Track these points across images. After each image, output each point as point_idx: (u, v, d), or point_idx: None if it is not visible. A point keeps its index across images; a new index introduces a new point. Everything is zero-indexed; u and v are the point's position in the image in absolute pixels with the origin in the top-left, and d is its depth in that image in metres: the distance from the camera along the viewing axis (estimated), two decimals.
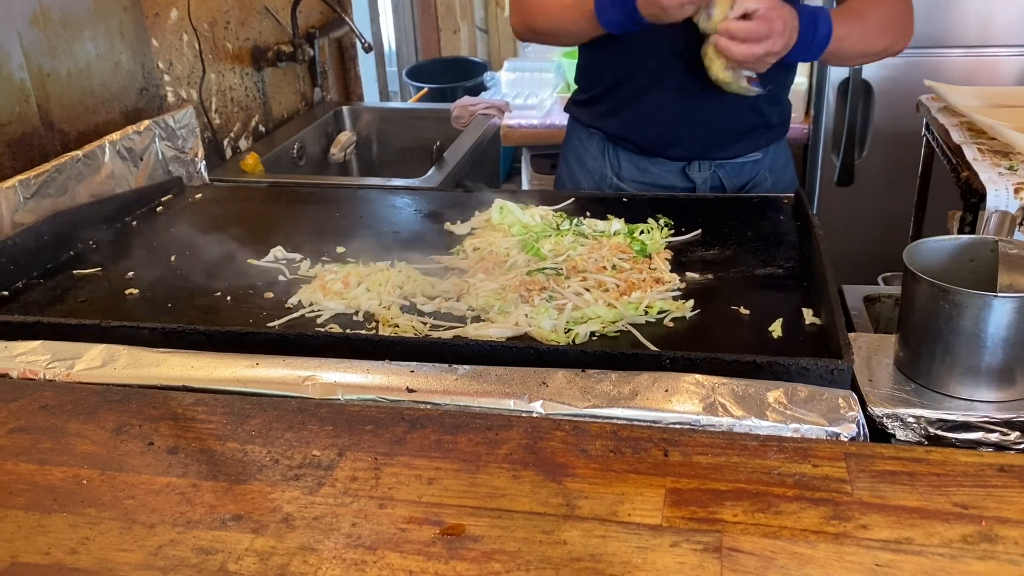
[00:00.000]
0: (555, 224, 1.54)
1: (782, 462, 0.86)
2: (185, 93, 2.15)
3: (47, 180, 1.61)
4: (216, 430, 0.95)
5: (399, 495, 0.84)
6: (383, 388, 1.02)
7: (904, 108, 2.61)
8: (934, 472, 0.84)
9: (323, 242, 1.55)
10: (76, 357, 1.11)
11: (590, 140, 1.85)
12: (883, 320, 1.47)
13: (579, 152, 1.88)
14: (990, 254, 1.10)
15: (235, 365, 1.07)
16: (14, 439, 0.95)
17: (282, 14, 2.58)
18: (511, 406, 0.98)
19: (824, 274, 1.22)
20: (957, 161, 1.85)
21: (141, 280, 1.46)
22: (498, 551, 0.76)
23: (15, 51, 1.60)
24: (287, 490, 0.85)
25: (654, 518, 0.79)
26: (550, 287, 1.29)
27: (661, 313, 1.25)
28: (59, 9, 1.70)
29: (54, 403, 1.01)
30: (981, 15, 2.72)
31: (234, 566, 0.76)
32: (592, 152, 1.85)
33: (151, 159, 1.89)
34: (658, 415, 0.95)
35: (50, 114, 1.70)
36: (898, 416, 0.99)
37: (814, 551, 0.75)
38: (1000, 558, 0.73)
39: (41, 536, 0.80)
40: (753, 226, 1.55)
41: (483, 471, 0.87)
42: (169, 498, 0.85)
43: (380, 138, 2.90)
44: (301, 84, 2.76)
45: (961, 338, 0.99)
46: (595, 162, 1.85)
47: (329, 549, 0.77)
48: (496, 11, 5.00)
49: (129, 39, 1.90)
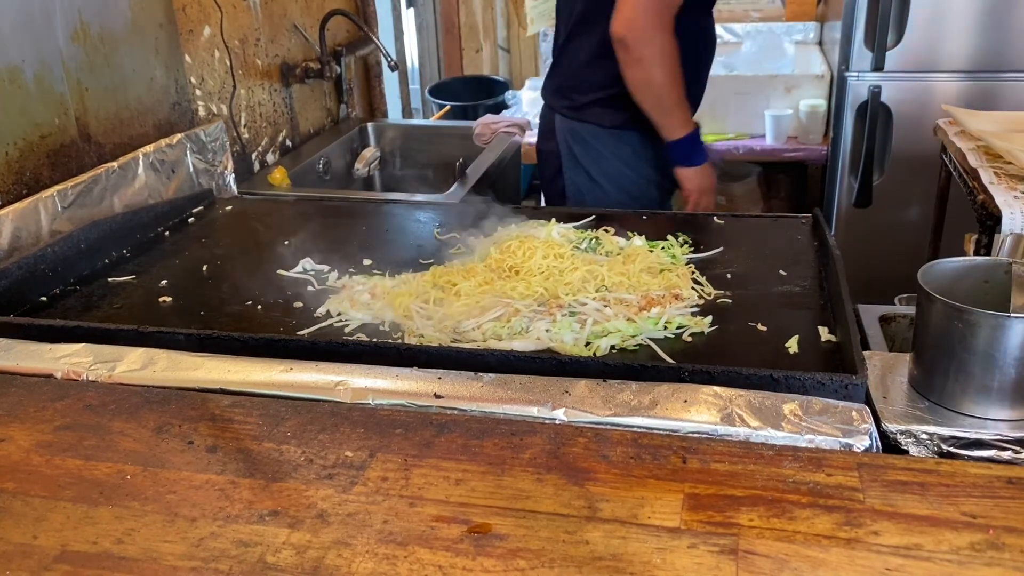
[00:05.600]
0: (577, 242, 1.58)
1: (797, 471, 0.89)
2: (216, 108, 2.21)
3: (84, 190, 1.66)
4: (253, 431, 0.99)
5: (428, 495, 0.87)
6: (412, 394, 1.06)
7: (922, 131, 2.64)
8: (944, 483, 0.87)
9: (350, 254, 1.60)
10: (117, 360, 1.15)
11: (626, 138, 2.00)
12: (898, 339, 1.50)
13: (616, 153, 2.00)
14: (1004, 275, 1.12)
15: (270, 370, 1.11)
16: (61, 436, 1.00)
17: (310, 32, 2.64)
18: (535, 413, 1.02)
19: (840, 293, 1.25)
20: (973, 184, 1.87)
21: (174, 288, 1.51)
22: (523, 549, 0.79)
23: (56, 66, 1.66)
24: (321, 488, 0.89)
25: (673, 521, 0.83)
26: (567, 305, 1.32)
27: (680, 328, 1.28)
28: (98, 26, 1.76)
29: (97, 403, 1.06)
30: (998, 41, 2.74)
31: (272, 558, 0.79)
32: (632, 146, 2.00)
33: (183, 172, 1.95)
34: (677, 424, 0.99)
35: (88, 127, 1.75)
36: (911, 433, 1.01)
37: (827, 555, 0.78)
38: (1007, 565, 0.76)
39: (89, 527, 0.84)
40: (771, 245, 1.58)
41: (508, 474, 0.90)
42: (209, 494, 0.89)
43: (404, 154, 2.95)
44: (327, 100, 2.82)
45: (975, 357, 1.01)
46: (635, 154, 1.99)
47: (362, 544, 0.81)
48: (518, 31, 5.06)
49: (163, 55, 1.96)
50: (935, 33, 2.76)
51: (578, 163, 2.05)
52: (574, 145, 2.05)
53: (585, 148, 2.03)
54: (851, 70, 2.85)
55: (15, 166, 1.58)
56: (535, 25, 3.93)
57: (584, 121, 2.03)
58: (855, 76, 2.85)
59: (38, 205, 1.56)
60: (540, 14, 3.85)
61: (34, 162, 1.62)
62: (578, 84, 2.03)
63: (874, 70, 2.79)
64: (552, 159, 2.14)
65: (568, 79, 2.07)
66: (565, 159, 2.08)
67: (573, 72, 2.05)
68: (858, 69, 2.84)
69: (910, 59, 2.79)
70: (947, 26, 2.75)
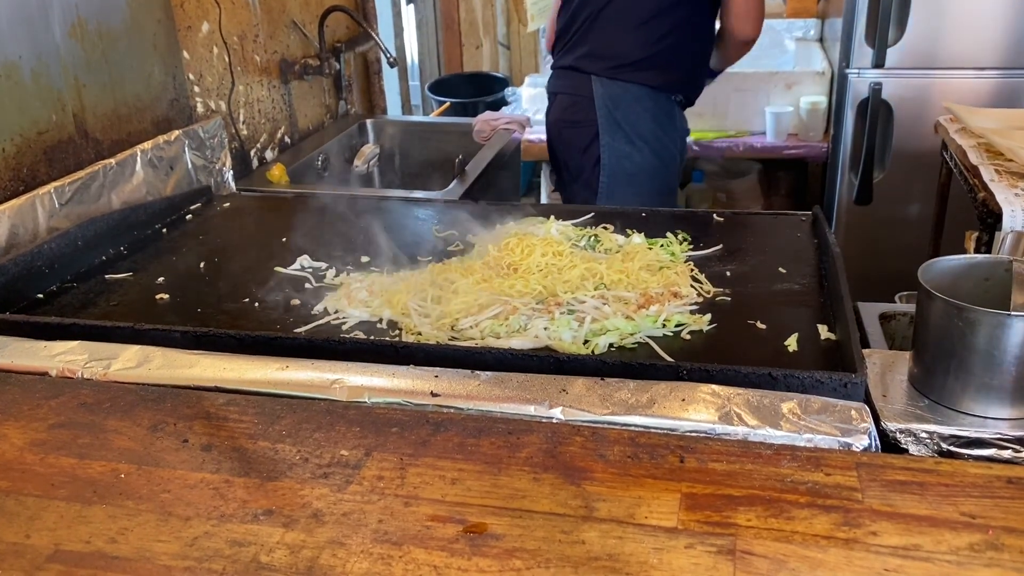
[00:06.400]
0: (576, 240, 1.58)
1: (795, 470, 0.88)
2: (214, 104, 2.20)
3: (81, 187, 1.66)
4: (248, 429, 0.98)
5: (424, 494, 0.87)
6: (408, 392, 1.05)
7: (923, 129, 2.64)
8: (943, 483, 0.86)
9: (348, 251, 1.59)
10: (112, 357, 1.15)
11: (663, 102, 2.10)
12: (898, 337, 1.49)
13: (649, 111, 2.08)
14: (1005, 273, 1.12)
15: (265, 368, 1.11)
16: (55, 434, 0.99)
17: (309, 28, 2.63)
18: (532, 412, 1.01)
19: (840, 291, 1.25)
20: (974, 182, 1.87)
21: (171, 285, 1.50)
22: (519, 549, 0.79)
23: (54, 62, 1.65)
24: (316, 487, 0.88)
25: (670, 521, 0.82)
26: (565, 303, 1.32)
27: (679, 326, 1.27)
28: (96, 22, 1.75)
29: (92, 401, 1.05)
30: (1000, 38, 2.74)
31: (266, 558, 0.79)
32: (667, 111, 2.10)
33: (181, 168, 1.94)
34: (675, 423, 0.98)
35: (85, 123, 1.75)
36: (911, 431, 1.01)
37: (825, 555, 0.77)
38: (1006, 566, 0.76)
39: (82, 526, 0.84)
40: (771, 243, 1.58)
41: (505, 473, 0.90)
42: (203, 493, 0.88)
43: (403, 151, 2.94)
44: (326, 97, 2.81)
45: (975, 356, 1.01)
46: (669, 118, 2.09)
47: (357, 544, 0.80)
48: (518, 27, 5.05)
49: (161, 51, 1.95)
50: (936, 30, 2.75)
51: (618, 126, 2.06)
52: (615, 109, 2.07)
53: (628, 111, 2.06)
54: (852, 67, 2.84)
55: (12, 162, 1.58)
56: (535, 22, 3.92)
57: (630, 82, 2.06)
58: (856, 73, 2.84)
59: (35, 202, 1.56)
60: (540, 10, 3.84)
61: (31, 158, 1.62)
62: (625, 46, 2.06)
63: (875, 67, 2.78)
64: (584, 129, 2.14)
65: (612, 42, 2.09)
66: (604, 123, 2.09)
67: (619, 35, 2.08)
68: (859, 66, 2.83)
69: (911, 56, 2.78)
70: (948, 23, 2.74)
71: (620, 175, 2.05)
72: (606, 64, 2.09)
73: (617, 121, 2.07)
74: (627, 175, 2.05)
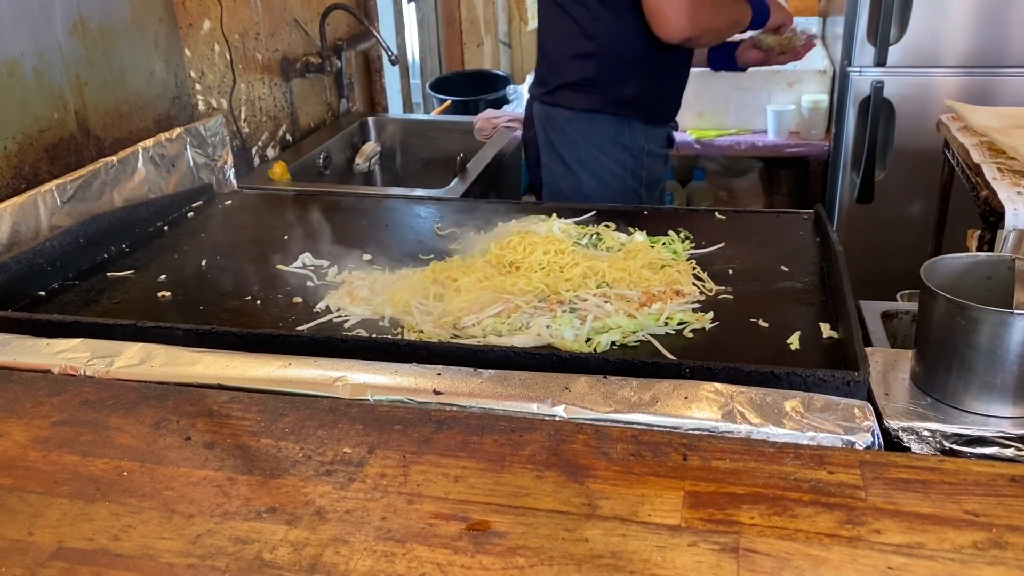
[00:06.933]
0: (578, 238, 1.57)
1: (798, 468, 0.88)
2: (216, 102, 2.20)
3: (83, 185, 1.66)
4: (251, 427, 0.98)
5: (427, 491, 0.87)
6: (411, 390, 1.05)
7: (924, 127, 2.63)
8: (947, 481, 0.86)
9: (349, 249, 1.59)
10: (115, 355, 1.15)
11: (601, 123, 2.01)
12: (900, 336, 1.49)
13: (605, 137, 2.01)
14: (1007, 272, 1.12)
15: (268, 365, 1.11)
16: (58, 431, 0.99)
17: (311, 26, 2.63)
18: (534, 409, 1.01)
19: (842, 289, 1.25)
20: (976, 180, 1.87)
21: (173, 283, 1.50)
22: (522, 547, 0.79)
23: (55, 60, 1.65)
24: (319, 485, 0.88)
25: (673, 519, 0.82)
26: (567, 301, 1.32)
27: (681, 324, 1.27)
28: (97, 19, 1.75)
29: (95, 398, 1.05)
30: (1000, 36, 2.73)
31: (269, 555, 0.79)
32: (607, 132, 2.01)
33: (182, 166, 1.94)
34: (678, 421, 0.98)
35: (87, 121, 1.74)
36: (914, 430, 1.00)
37: (828, 553, 0.77)
38: (1009, 564, 0.76)
39: (85, 523, 0.84)
40: (773, 241, 1.58)
41: (507, 471, 0.90)
42: (206, 490, 0.88)
43: (404, 149, 2.94)
44: (328, 95, 2.81)
45: (977, 354, 1.01)
46: (611, 139, 2.00)
47: (360, 541, 0.80)
48: (519, 25, 5.04)
49: (163, 49, 1.95)
50: (937, 28, 2.75)
51: (554, 150, 2.04)
52: (550, 131, 2.05)
53: (560, 134, 2.03)
54: (853, 65, 2.84)
55: (14, 160, 1.58)
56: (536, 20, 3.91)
57: (557, 105, 2.03)
58: (857, 71, 2.84)
59: (37, 199, 1.56)
60: None
61: (33, 156, 1.62)
62: (552, 69, 2.04)
63: (876, 65, 2.78)
64: (532, 148, 2.14)
65: (544, 65, 2.08)
66: (543, 147, 2.08)
67: (547, 57, 2.06)
68: (860, 64, 2.83)
69: (912, 54, 2.78)
70: (949, 21, 2.74)
71: (559, 196, 2.04)
72: (541, 89, 2.08)
73: (552, 144, 2.05)
74: (565, 197, 2.03)
